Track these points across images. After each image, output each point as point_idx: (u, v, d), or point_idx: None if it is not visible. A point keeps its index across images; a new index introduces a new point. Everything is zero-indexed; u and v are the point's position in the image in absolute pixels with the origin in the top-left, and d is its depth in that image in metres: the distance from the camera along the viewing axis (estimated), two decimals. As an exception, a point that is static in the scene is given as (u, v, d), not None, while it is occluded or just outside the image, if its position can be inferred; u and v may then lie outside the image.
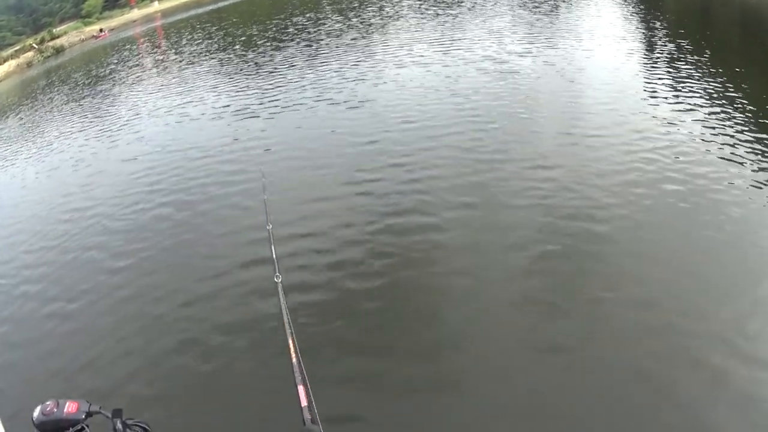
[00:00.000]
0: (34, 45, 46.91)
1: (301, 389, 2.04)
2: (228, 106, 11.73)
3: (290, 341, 2.25)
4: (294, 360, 2.17)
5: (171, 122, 11.64)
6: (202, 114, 11.59)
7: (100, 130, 12.76)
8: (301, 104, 10.60)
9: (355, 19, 19.13)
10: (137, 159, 9.84)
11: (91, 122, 13.90)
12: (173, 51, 23.37)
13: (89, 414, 1.88)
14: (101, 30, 48.06)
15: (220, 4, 42.28)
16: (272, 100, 11.35)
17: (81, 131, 13.25)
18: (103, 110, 14.94)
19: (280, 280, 2.48)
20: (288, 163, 7.84)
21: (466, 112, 8.21)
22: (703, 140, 6.39)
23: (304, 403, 1.99)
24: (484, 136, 7.27)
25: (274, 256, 2.64)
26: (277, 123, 9.88)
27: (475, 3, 18.19)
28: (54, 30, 53.42)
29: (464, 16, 16.18)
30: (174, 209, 7.27)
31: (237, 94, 12.65)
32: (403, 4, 21.07)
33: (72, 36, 49.84)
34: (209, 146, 9.35)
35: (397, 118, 8.60)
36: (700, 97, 7.67)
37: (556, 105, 8.00)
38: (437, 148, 7.20)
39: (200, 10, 41.82)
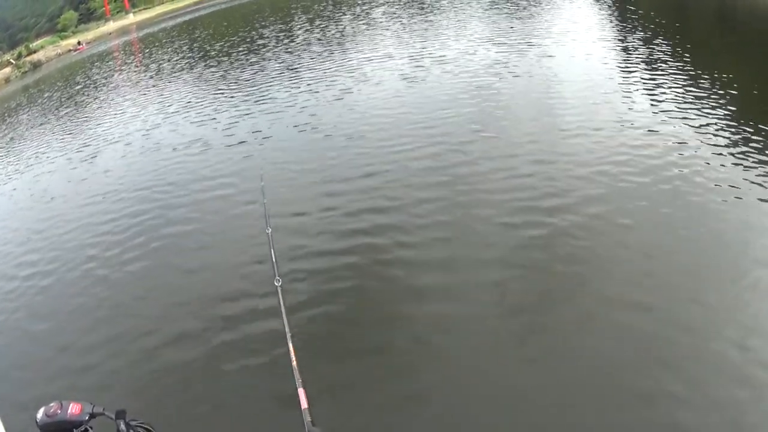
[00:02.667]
0: (12, 60, 46.21)
1: (301, 392, 2.07)
2: (216, 112, 11.71)
3: (290, 344, 2.28)
4: (294, 363, 2.20)
5: (159, 131, 11.54)
6: (190, 123, 11.51)
7: (85, 143, 12.63)
8: (291, 107, 10.65)
9: (331, 31, 19.19)
10: (136, 161, 9.86)
11: (76, 137, 13.74)
12: (150, 64, 23.12)
13: (93, 415, 1.90)
14: (79, 43, 47.82)
15: (193, 16, 42.44)
16: (263, 102, 11.40)
17: (68, 145, 13.12)
18: (85, 127, 14.71)
19: (279, 283, 2.50)
20: (287, 167, 7.79)
21: (441, 129, 7.97)
22: (689, 144, 6.29)
23: (304, 405, 2.01)
24: (470, 147, 7.13)
25: (274, 259, 2.66)
26: (272, 128, 9.79)
27: (449, 8, 18.28)
28: (31, 45, 52.77)
29: (439, 24, 16.25)
30: (173, 213, 7.24)
31: (226, 100, 12.61)
32: (378, 10, 21.19)
33: (49, 50, 49.29)
34: (205, 152, 9.32)
35: (391, 124, 8.56)
36: (682, 98, 7.61)
37: (533, 118, 7.82)
38: (436, 152, 7.15)
39: (171, 23, 41.98)
